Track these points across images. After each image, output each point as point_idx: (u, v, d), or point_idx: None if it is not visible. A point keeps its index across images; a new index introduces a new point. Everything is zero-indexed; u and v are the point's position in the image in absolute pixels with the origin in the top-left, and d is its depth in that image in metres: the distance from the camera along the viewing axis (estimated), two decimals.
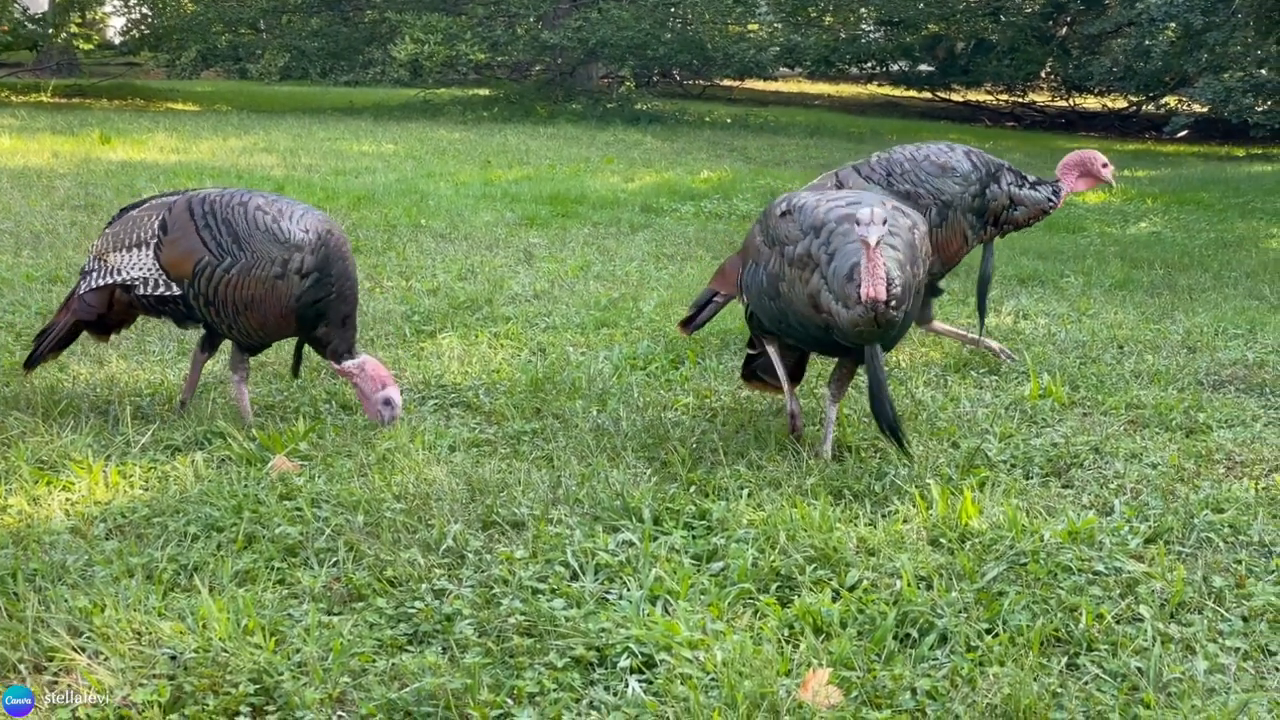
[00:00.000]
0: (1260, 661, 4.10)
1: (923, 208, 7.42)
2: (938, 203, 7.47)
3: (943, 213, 7.47)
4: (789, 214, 5.67)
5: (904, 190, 7.45)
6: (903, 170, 7.54)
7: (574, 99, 27.48)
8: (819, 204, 5.57)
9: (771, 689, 3.81)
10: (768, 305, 5.70)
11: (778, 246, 5.64)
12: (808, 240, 5.48)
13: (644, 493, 5.20)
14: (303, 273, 5.87)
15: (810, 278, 5.44)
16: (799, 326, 5.60)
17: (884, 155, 7.73)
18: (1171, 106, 30.03)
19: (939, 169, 7.53)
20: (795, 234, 5.57)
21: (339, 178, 15.37)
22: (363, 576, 4.50)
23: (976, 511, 5.10)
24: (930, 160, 7.55)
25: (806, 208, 5.58)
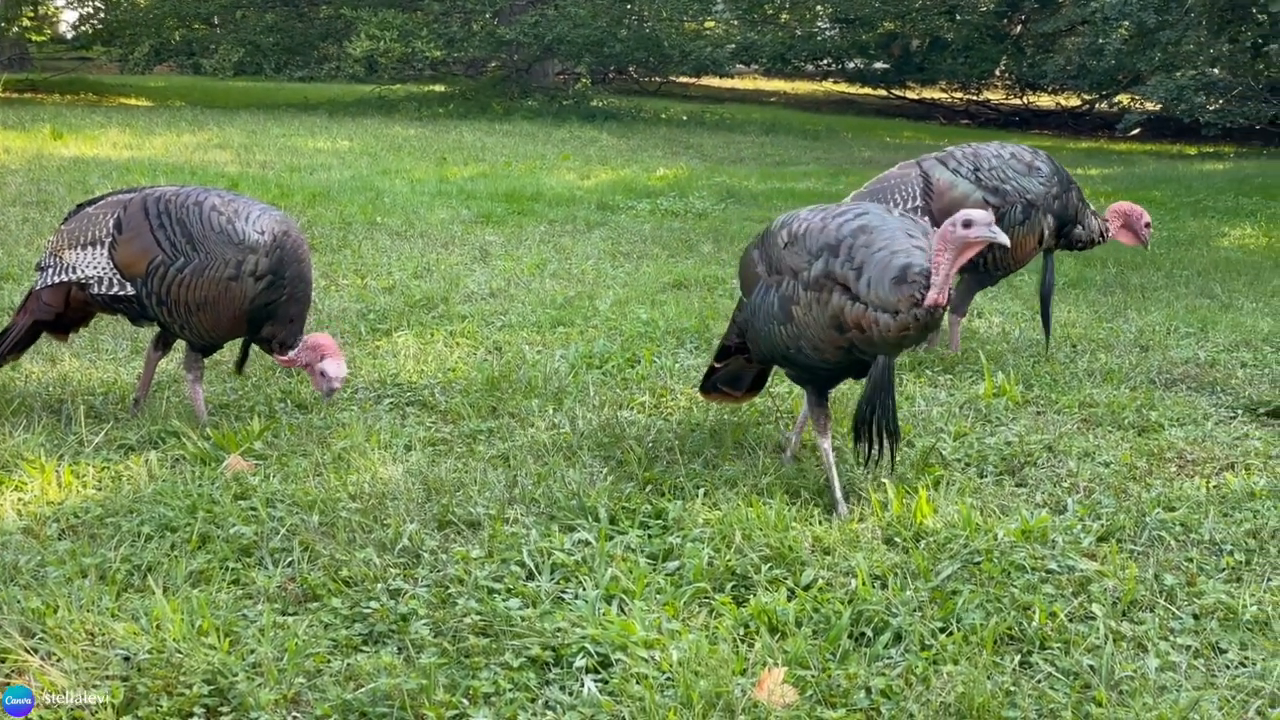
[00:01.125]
0: (1211, 659, 4.13)
1: (1008, 204, 7.50)
2: (1023, 200, 7.56)
3: (1026, 211, 7.56)
4: (793, 243, 5.36)
5: (991, 186, 7.55)
6: (990, 165, 7.63)
7: (530, 96, 27.47)
8: (824, 225, 5.29)
9: (727, 688, 3.82)
10: (775, 331, 5.38)
11: (787, 275, 5.34)
12: (824, 261, 5.18)
13: (600, 492, 5.20)
14: (257, 275, 5.83)
15: (830, 298, 5.15)
16: (811, 352, 5.30)
17: (969, 149, 7.83)
18: (1124, 105, 30.23)
19: (1026, 167, 7.63)
20: (804, 260, 5.27)
21: (294, 174, 15.31)
22: (318, 576, 4.49)
23: (931, 510, 5.13)
24: (1016, 158, 7.66)
25: (811, 231, 5.31)
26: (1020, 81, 35.06)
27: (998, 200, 7.53)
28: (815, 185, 16.89)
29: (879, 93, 36.83)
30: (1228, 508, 5.32)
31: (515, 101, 26.98)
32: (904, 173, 7.77)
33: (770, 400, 6.63)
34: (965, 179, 7.57)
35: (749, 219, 13.81)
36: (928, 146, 24.36)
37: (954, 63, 33.80)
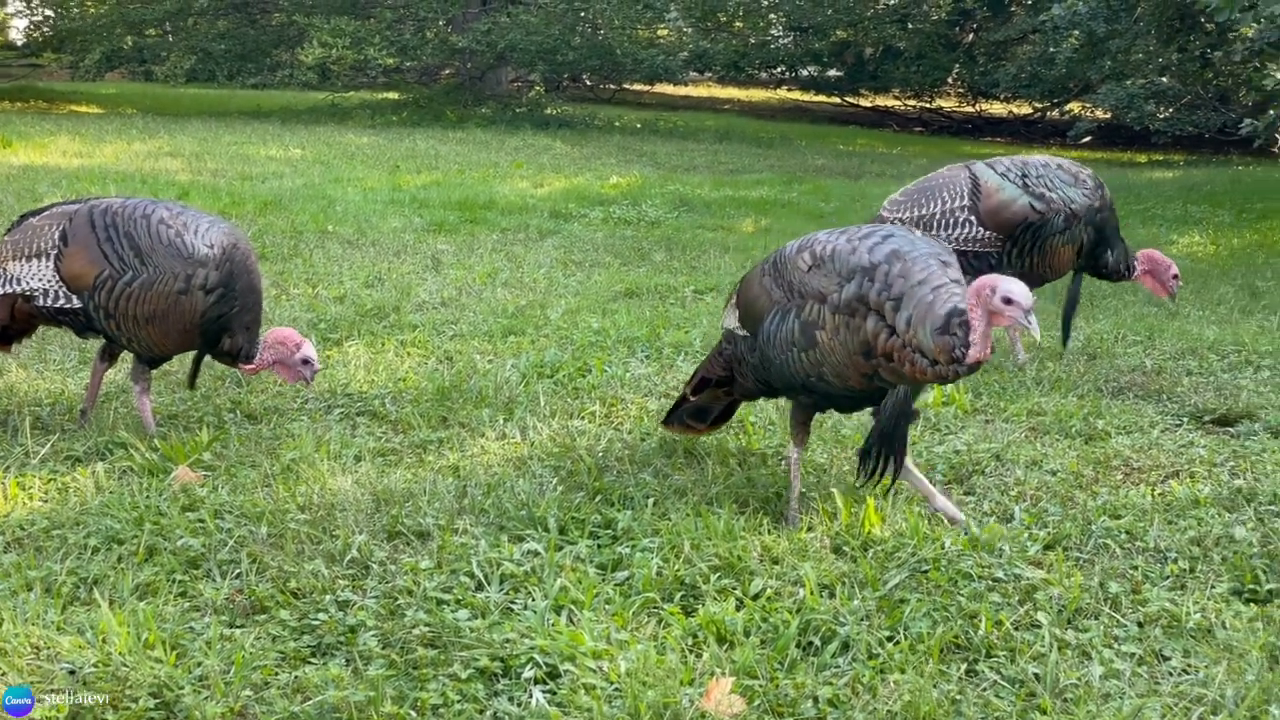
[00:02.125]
0: (1154, 666, 4.17)
1: (1053, 211, 7.56)
2: (1067, 209, 7.64)
3: (1069, 221, 7.64)
4: (819, 265, 5.14)
5: (1038, 192, 7.62)
6: (1038, 173, 7.72)
7: (483, 103, 27.45)
8: (854, 248, 5.08)
9: (675, 699, 3.83)
10: (794, 358, 5.19)
11: (811, 299, 5.13)
12: (856, 284, 5.00)
13: (550, 502, 5.21)
14: (207, 288, 5.81)
15: (864, 324, 4.98)
16: (833, 378, 5.14)
17: (1016, 158, 7.92)
18: (1075, 112, 30.41)
19: (1072, 177, 7.72)
20: (833, 282, 5.06)
21: (245, 183, 15.26)
22: (266, 588, 4.48)
23: (879, 520, 5.15)
24: (1063, 169, 7.77)
25: (839, 253, 5.10)
26: (973, 89, 35.26)
27: (1043, 206, 7.60)
28: (768, 193, 16.93)
29: (833, 100, 36.95)
30: (1173, 515, 5.37)
31: (469, 109, 26.95)
32: (952, 174, 7.86)
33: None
34: (1013, 183, 7.65)
35: (702, 227, 13.85)
36: (881, 155, 24.59)
37: (907, 71, 33.98)
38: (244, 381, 6.77)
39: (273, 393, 6.70)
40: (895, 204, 7.84)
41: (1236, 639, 4.28)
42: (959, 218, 7.65)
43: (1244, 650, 4.20)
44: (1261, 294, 10.47)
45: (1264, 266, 12.29)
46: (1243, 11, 13.32)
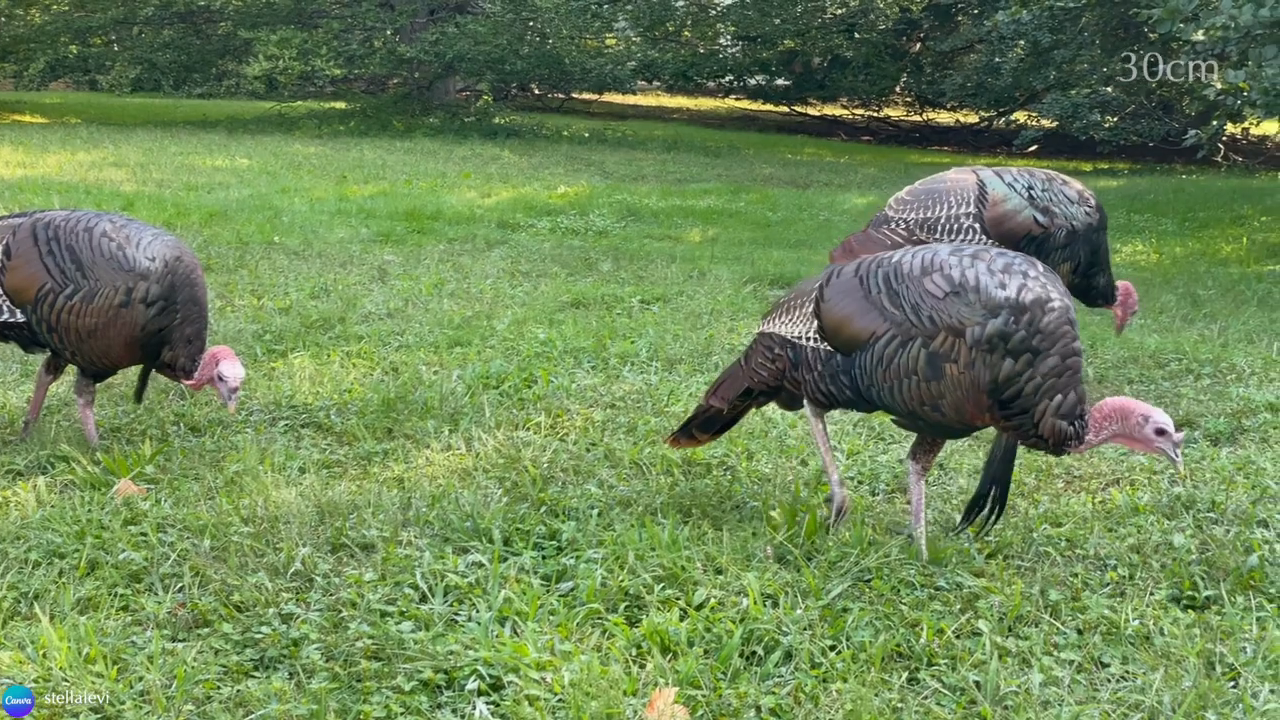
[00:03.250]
0: (1093, 673, 4.21)
1: (1056, 227, 7.59)
2: (1069, 226, 7.65)
3: (1070, 237, 7.65)
4: (959, 294, 4.85)
5: (1043, 206, 7.64)
6: (1044, 188, 7.72)
7: (431, 113, 27.39)
8: (1001, 281, 4.84)
9: (618, 709, 3.85)
10: (908, 386, 4.94)
11: (944, 330, 4.86)
12: (1002, 322, 4.77)
13: (494, 513, 5.21)
14: (148, 301, 5.78)
15: (1000, 363, 4.78)
16: (950, 411, 4.93)
17: (1022, 169, 7.94)
18: (1021, 121, 30.55)
19: (1076, 194, 7.75)
20: (977, 314, 4.80)
21: (191, 193, 15.19)
22: (208, 602, 4.47)
23: (823, 529, 5.17)
24: (1068, 185, 7.80)
25: (983, 286, 4.83)
26: (920, 99, 35.39)
27: (1046, 221, 7.63)
28: (716, 203, 16.98)
29: (781, 109, 37.01)
30: (1113, 523, 5.42)
31: (417, 119, 26.88)
32: (960, 178, 7.86)
33: (666, 422, 6.67)
34: (1019, 195, 7.68)
35: (649, 237, 13.87)
36: (828, 164, 24.66)
37: (855, 80, 34.06)
38: (188, 394, 6.74)
39: (217, 405, 6.67)
40: (901, 203, 7.84)
41: (1174, 645, 4.33)
42: (964, 224, 7.68)
43: (1181, 657, 4.25)
44: (1203, 302, 10.56)
45: (1205, 275, 12.41)
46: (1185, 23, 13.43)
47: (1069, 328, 4.79)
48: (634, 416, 6.68)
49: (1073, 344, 4.79)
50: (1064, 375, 4.76)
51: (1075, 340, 4.80)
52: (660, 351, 7.99)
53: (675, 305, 9.66)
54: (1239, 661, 4.24)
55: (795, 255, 12.54)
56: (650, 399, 7.01)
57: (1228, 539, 5.23)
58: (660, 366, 7.71)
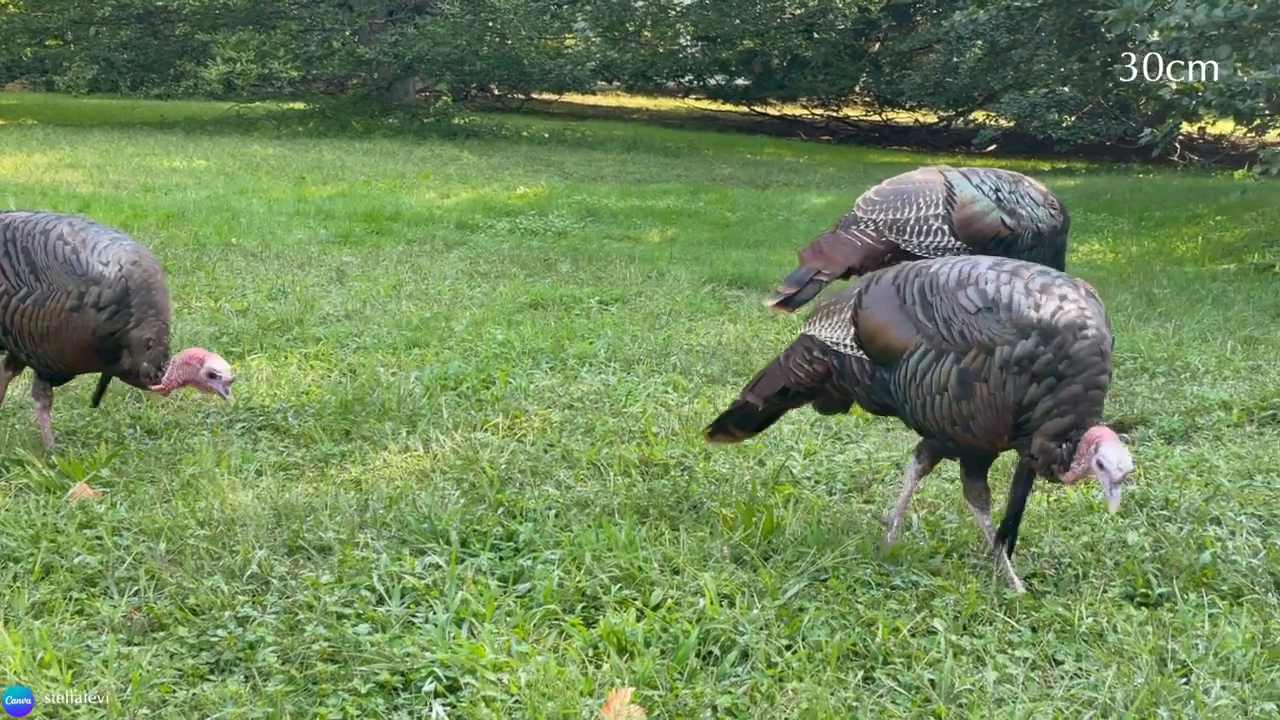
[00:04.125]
0: (1047, 670, 4.24)
1: (1022, 228, 7.60)
2: (1035, 227, 7.66)
3: (1036, 239, 7.67)
4: (991, 310, 4.72)
5: (1009, 208, 7.65)
6: (1011, 189, 7.73)
7: (391, 114, 27.30)
8: (1036, 302, 4.69)
9: (574, 710, 3.86)
10: (938, 403, 4.84)
11: (975, 347, 4.73)
12: (1032, 345, 4.63)
13: (452, 515, 5.22)
14: (99, 306, 5.75)
15: (1028, 388, 4.65)
16: (980, 432, 4.81)
17: (988, 171, 7.94)
18: (980, 121, 30.66)
19: (1041, 196, 7.76)
20: (1009, 334, 4.66)
21: (148, 195, 15.12)
22: (164, 605, 4.46)
23: (780, 528, 5.19)
24: (1034, 187, 7.81)
25: (1016, 304, 4.70)
26: (879, 98, 35.49)
27: (1014, 223, 7.65)
28: (675, 203, 16.99)
29: (741, 109, 37.07)
30: (1067, 521, 5.46)
31: (376, 119, 26.79)
32: (928, 178, 7.87)
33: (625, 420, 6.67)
34: (987, 197, 7.70)
35: (608, 237, 13.88)
36: (788, 163, 24.71)
37: (814, 80, 34.14)
38: (143, 397, 6.72)
39: (174, 408, 6.65)
40: (870, 204, 7.86)
41: (1127, 643, 4.37)
42: (932, 225, 7.70)
43: (1134, 654, 4.29)
44: (1158, 301, 10.63)
45: (1161, 274, 12.48)
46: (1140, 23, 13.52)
47: (1099, 358, 4.64)
48: (592, 417, 6.69)
49: (1099, 375, 4.64)
50: (1080, 404, 4.61)
51: (1103, 373, 4.67)
52: (618, 352, 8.00)
53: (634, 306, 9.67)
54: (1191, 658, 4.27)
55: (754, 255, 12.56)
56: (608, 399, 7.02)
57: (1181, 536, 5.28)
58: (618, 367, 7.72)
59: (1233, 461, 6.22)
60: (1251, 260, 13.61)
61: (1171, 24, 12.37)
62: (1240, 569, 4.95)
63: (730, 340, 8.53)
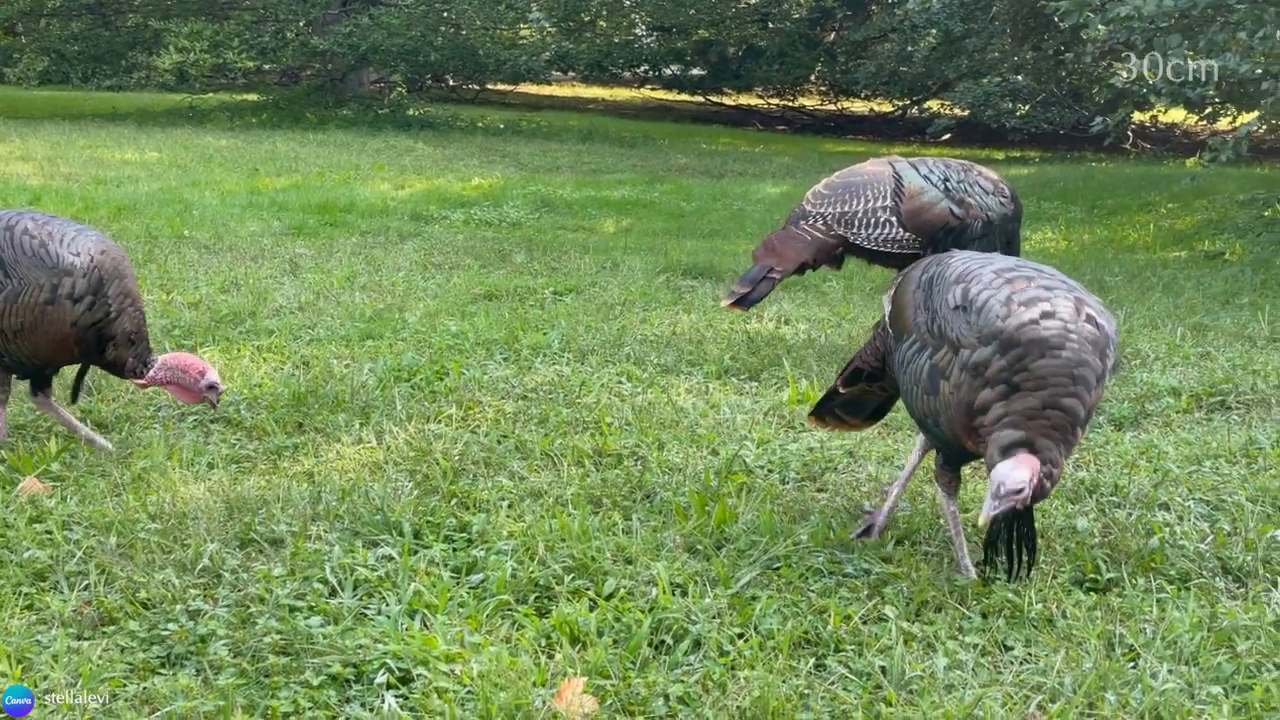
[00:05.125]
0: (997, 656, 4.27)
1: (971, 218, 7.62)
2: (984, 216, 7.69)
3: (987, 228, 7.70)
4: (965, 310, 4.68)
5: (958, 198, 7.69)
6: (960, 178, 7.77)
7: (345, 105, 27.22)
8: (1008, 312, 4.58)
9: (527, 700, 3.86)
10: (916, 395, 4.86)
11: (947, 345, 4.71)
12: (989, 353, 4.55)
13: (405, 506, 5.21)
14: (74, 297, 5.73)
15: (980, 392, 4.58)
16: (947, 429, 4.77)
17: (938, 160, 8.00)
18: (934, 110, 30.78)
19: (992, 185, 7.79)
20: (971, 338, 4.61)
21: (99, 187, 15.03)
22: (115, 599, 4.44)
23: (733, 518, 5.21)
24: (984, 176, 7.85)
25: (988, 309, 4.62)
26: (834, 88, 35.56)
27: (962, 212, 7.69)
28: (630, 193, 16.99)
29: (696, 99, 37.08)
30: None
31: (330, 111, 26.71)
32: (877, 170, 7.92)
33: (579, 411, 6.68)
34: (935, 187, 7.72)
35: (563, 228, 13.87)
36: (744, 153, 24.74)
37: (769, 69, 34.17)
38: (95, 390, 6.69)
39: (124, 401, 6.63)
40: (819, 197, 7.90)
41: (1076, 627, 4.40)
42: (880, 218, 7.73)
43: (1083, 638, 4.32)
44: (1109, 289, 10.69)
45: (1113, 262, 12.56)
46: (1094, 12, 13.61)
47: (1068, 381, 4.48)
48: (546, 408, 6.69)
49: (1064, 397, 4.48)
50: (1035, 420, 4.48)
51: (1071, 395, 4.48)
52: (572, 342, 8.00)
53: (588, 296, 9.67)
54: (1139, 642, 4.31)
55: (708, 245, 12.58)
56: (562, 390, 7.02)
57: (1130, 522, 5.32)
58: (572, 357, 7.72)
59: (1181, 447, 6.28)
60: (1202, 248, 13.72)
61: (1122, 14, 12.46)
62: (1188, 554, 4.99)
63: (684, 330, 8.55)
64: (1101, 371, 4.56)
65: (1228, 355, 8.03)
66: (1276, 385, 7.29)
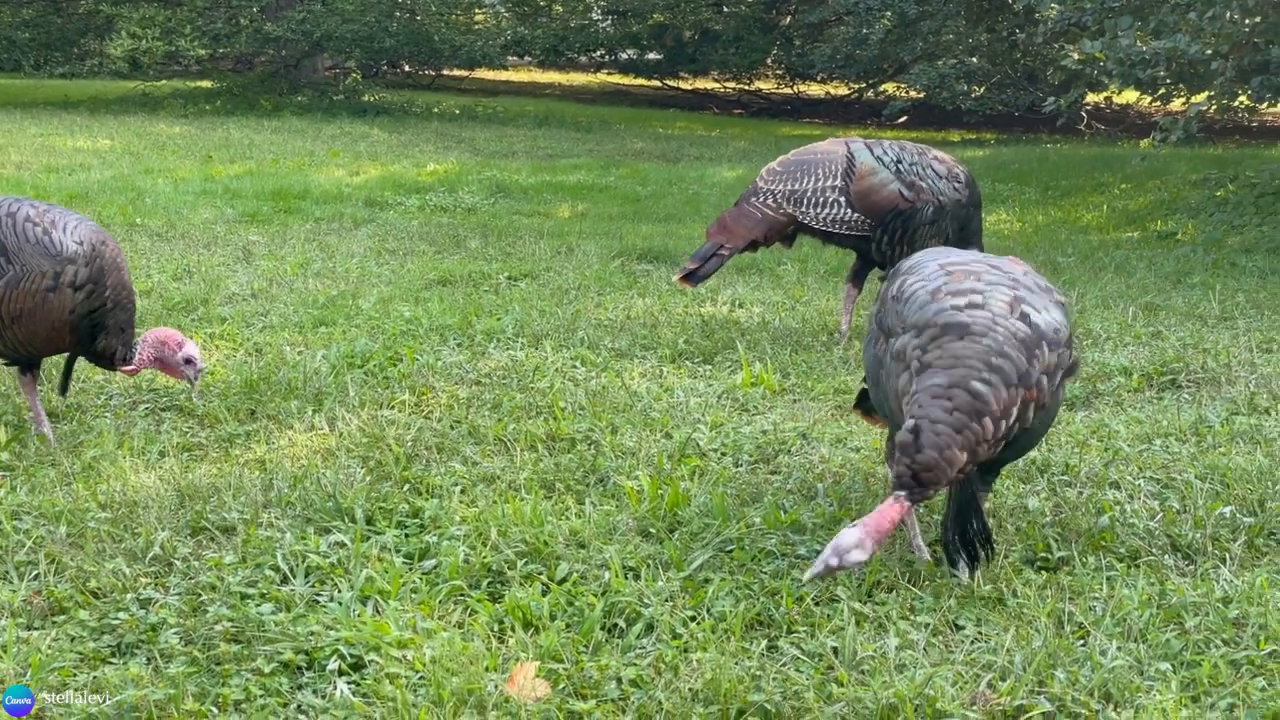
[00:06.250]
0: (948, 635, 4.28)
1: (923, 201, 7.63)
2: (935, 200, 7.71)
3: (938, 213, 7.72)
4: (899, 300, 4.74)
5: (909, 180, 7.71)
6: (912, 160, 7.80)
7: (299, 91, 27.08)
8: (934, 298, 4.60)
9: (479, 685, 3.86)
10: (871, 386, 4.99)
11: (884, 332, 4.80)
12: (911, 338, 4.60)
13: (357, 493, 5.20)
14: (76, 285, 5.72)
15: (900, 380, 4.61)
16: (891, 422, 4.83)
17: (895, 142, 8.06)
18: (890, 93, 30.85)
19: (946, 170, 7.81)
20: (899, 326, 4.69)
21: (51, 175, 14.95)
22: (65, 589, 4.42)
23: (686, 501, 5.22)
24: (939, 160, 7.87)
25: (915, 299, 4.66)
26: (790, 71, 35.53)
27: (912, 195, 7.73)
28: (586, 178, 16.98)
29: (653, 84, 37.01)
30: None
31: (285, 97, 26.57)
32: (832, 149, 7.99)
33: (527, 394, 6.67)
34: (887, 168, 7.75)
35: (518, 213, 13.86)
36: (700, 137, 24.74)
37: (725, 53, 34.13)
38: (47, 379, 6.65)
39: (75, 390, 6.58)
40: (772, 174, 7.95)
41: (1027, 606, 4.42)
42: (829, 197, 7.77)
43: (1033, 617, 4.34)
44: (1062, 269, 10.75)
45: (1066, 242, 12.62)
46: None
47: (981, 367, 4.40)
48: (499, 393, 6.68)
49: (973, 381, 4.39)
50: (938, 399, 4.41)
51: (982, 382, 4.39)
52: (526, 327, 7.99)
53: (543, 281, 9.66)
54: (1089, 620, 4.33)
55: (664, 229, 12.58)
56: (516, 375, 7.02)
57: (1080, 501, 5.34)
58: (526, 342, 7.71)
59: (1132, 426, 6.31)
60: (1155, 228, 13.81)
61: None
62: (1138, 532, 5.02)
63: (639, 314, 8.55)
64: (1025, 371, 4.45)
65: (1179, 334, 8.08)
66: (1226, 364, 7.35)
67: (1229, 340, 7.92)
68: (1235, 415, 6.48)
